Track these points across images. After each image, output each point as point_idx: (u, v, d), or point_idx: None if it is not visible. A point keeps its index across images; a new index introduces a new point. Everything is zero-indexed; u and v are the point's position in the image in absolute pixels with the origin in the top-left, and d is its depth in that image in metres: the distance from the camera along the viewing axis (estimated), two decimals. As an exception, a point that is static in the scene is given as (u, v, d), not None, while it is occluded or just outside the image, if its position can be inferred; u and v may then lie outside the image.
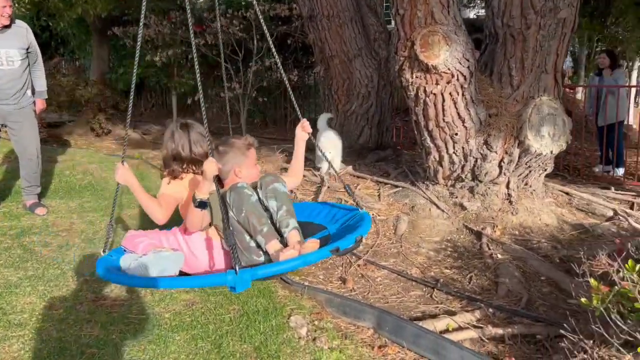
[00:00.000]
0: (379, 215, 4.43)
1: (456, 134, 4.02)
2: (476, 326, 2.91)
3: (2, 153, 6.22)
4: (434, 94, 3.86)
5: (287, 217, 2.48)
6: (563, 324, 2.49)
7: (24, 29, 4.36)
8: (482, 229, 4.08)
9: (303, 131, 2.91)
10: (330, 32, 6.48)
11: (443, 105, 3.89)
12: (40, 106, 4.63)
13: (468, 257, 3.81)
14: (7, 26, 4.20)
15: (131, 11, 9.49)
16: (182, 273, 2.56)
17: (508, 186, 4.28)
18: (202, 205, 2.38)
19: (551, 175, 4.94)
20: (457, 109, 3.90)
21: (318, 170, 5.64)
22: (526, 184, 4.36)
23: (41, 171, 4.72)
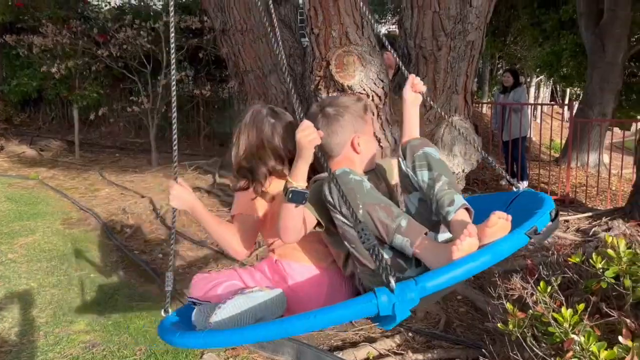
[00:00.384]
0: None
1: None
2: (397, 353, 2.87)
3: None
4: (350, 114, 3.82)
5: (450, 192, 1.60)
6: (481, 348, 2.49)
7: None
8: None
9: (414, 90, 1.99)
10: (244, 47, 6.29)
11: (359, 125, 3.85)
12: None
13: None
14: None
15: (26, 18, 8.78)
16: None
17: (423, 204, 4.32)
18: (298, 197, 1.53)
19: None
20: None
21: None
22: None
23: None
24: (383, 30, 16.43)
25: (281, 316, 1.69)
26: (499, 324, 2.36)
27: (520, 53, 13.79)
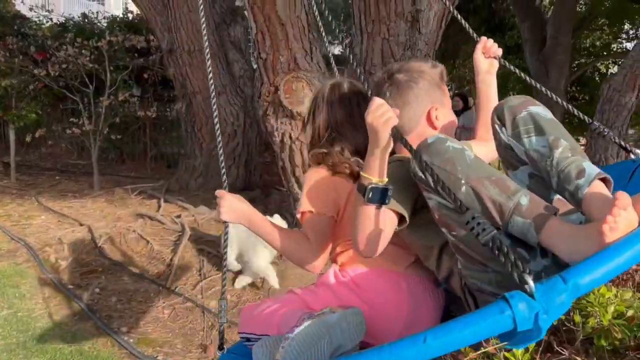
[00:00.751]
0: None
1: (323, 181, 3.90)
2: None
3: None
4: (300, 141, 3.72)
5: (576, 159, 1.21)
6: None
7: None
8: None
9: (487, 56, 1.67)
10: (191, 68, 6.15)
11: (309, 151, 3.76)
12: None
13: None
14: None
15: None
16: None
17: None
18: (380, 196, 1.22)
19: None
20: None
21: (178, 217, 5.20)
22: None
23: None
24: (335, 50, 16.54)
25: (362, 341, 1.32)
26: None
27: (469, 76, 14.15)
